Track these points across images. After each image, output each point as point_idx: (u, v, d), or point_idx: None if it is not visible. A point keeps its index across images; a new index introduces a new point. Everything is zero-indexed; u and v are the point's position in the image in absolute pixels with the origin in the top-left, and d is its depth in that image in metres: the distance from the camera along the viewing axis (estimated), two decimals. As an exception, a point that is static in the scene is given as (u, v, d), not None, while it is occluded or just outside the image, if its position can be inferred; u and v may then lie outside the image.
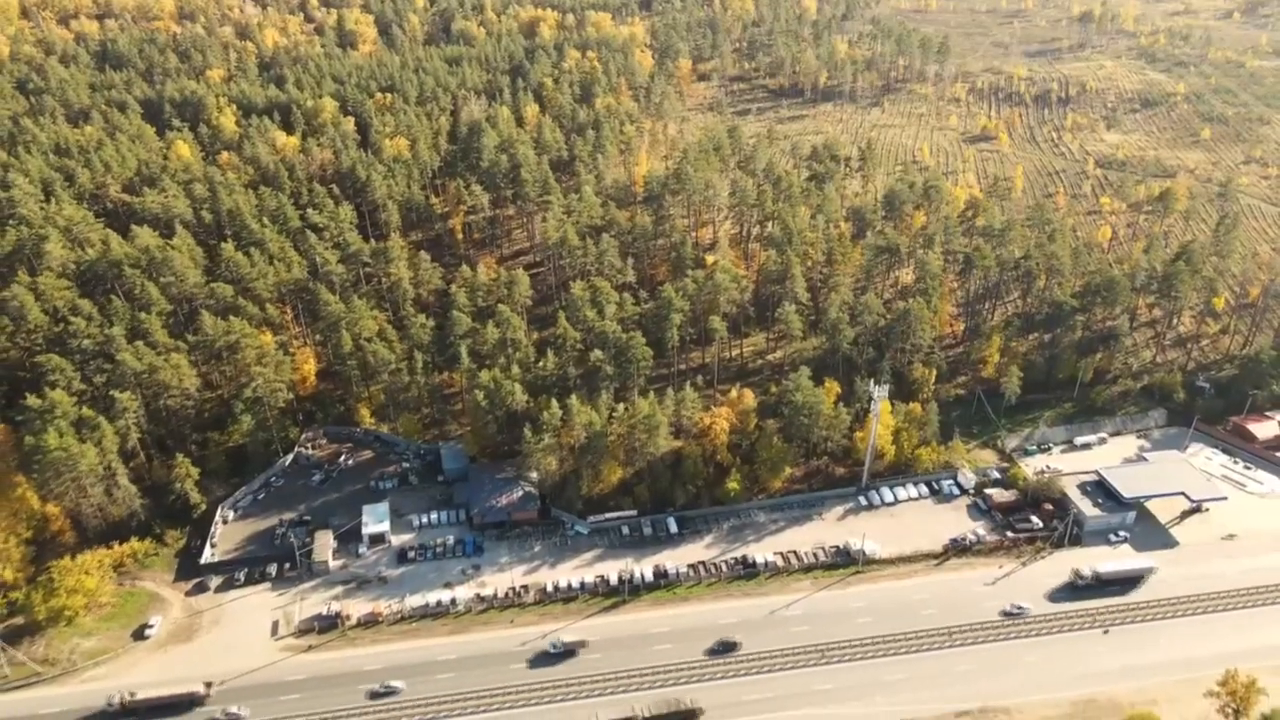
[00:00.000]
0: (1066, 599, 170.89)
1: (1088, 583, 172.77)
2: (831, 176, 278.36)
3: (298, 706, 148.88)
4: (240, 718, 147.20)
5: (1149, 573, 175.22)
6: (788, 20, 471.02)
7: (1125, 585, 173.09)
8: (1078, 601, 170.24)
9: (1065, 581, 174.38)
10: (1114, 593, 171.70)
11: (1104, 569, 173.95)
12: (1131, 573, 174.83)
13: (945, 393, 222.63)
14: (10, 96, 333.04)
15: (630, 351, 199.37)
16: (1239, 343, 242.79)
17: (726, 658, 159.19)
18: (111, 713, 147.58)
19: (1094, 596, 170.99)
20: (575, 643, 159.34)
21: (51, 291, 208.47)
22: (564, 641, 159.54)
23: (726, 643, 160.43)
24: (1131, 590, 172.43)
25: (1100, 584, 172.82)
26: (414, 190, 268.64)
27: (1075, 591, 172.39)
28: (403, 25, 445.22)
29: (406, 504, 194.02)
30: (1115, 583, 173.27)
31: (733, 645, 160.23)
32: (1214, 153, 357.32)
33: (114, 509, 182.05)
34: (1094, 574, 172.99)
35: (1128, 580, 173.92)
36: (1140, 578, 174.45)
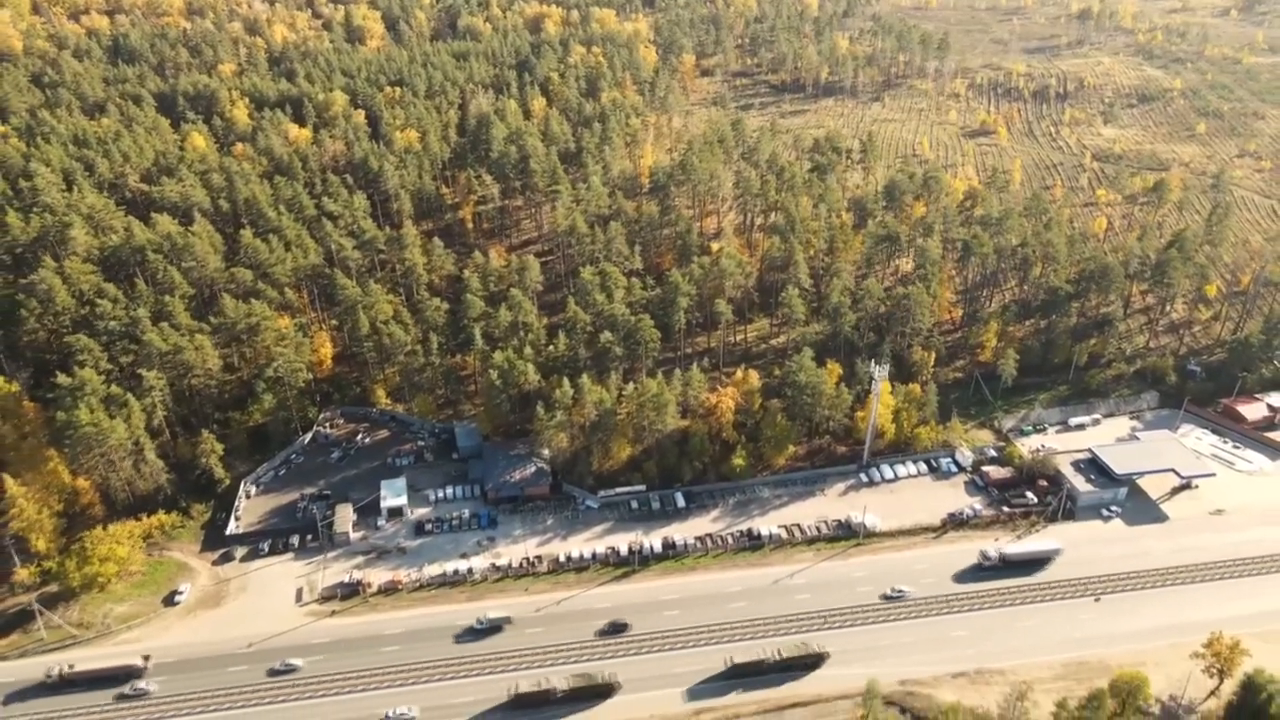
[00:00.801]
0: (971, 580, 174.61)
1: (994, 564, 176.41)
2: (833, 168, 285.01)
3: (325, 666, 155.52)
4: (296, 667, 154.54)
5: (1055, 554, 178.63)
6: (789, 17, 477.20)
7: (1031, 567, 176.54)
8: (981, 583, 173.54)
9: (973, 563, 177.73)
10: (1020, 574, 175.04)
11: (1010, 551, 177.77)
12: (1038, 554, 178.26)
13: (944, 376, 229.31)
14: (26, 89, 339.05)
15: (639, 333, 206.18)
16: (1230, 329, 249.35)
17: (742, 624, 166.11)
18: (51, 684, 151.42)
19: (999, 578, 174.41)
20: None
21: (78, 275, 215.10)
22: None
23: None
24: (1037, 571, 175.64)
25: (1006, 565, 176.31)
26: (425, 180, 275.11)
27: (981, 573, 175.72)
28: (409, 21, 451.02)
29: (422, 480, 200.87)
30: (1022, 565, 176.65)
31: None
32: (1209, 147, 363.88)
33: (141, 483, 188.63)
34: (1000, 555, 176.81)
35: (1034, 562, 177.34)
36: (1047, 559, 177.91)
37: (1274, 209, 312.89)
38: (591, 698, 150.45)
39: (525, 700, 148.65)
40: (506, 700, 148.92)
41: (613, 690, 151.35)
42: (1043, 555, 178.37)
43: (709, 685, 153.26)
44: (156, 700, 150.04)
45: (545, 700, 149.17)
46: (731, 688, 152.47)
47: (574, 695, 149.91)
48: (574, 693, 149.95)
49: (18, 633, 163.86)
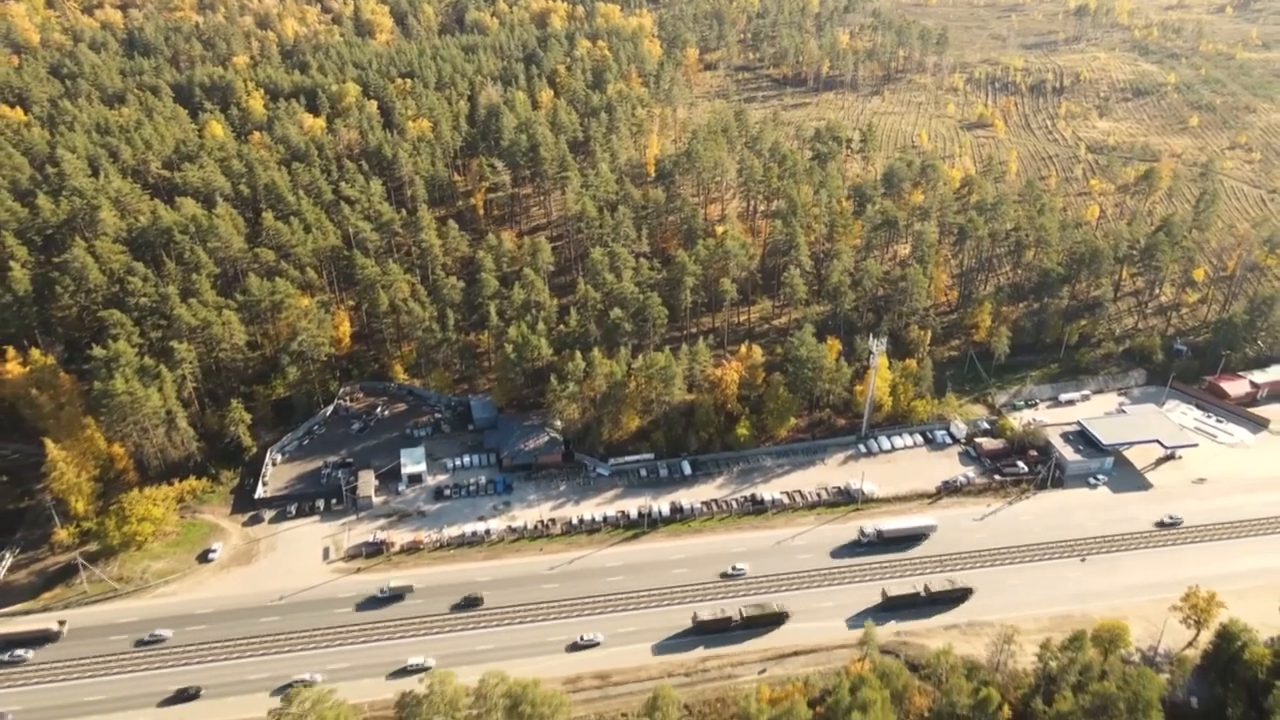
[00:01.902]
0: (848, 555, 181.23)
1: (870, 540, 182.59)
2: (834, 156, 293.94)
3: (352, 618, 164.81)
4: None
5: (930, 530, 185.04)
6: (791, 12, 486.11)
7: (906, 543, 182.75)
8: (858, 557, 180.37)
9: (852, 539, 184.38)
10: (895, 550, 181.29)
11: (885, 527, 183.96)
12: (912, 530, 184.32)
13: (939, 354, 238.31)
14: (45, 80, 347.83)
15: (647, 310, 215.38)
16: (1216, 311, 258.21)
17: (735, 580, 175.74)
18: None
19: (875, 552, 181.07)
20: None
21: (108, 255, 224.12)
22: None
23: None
24: (912, 547, 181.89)
25: (883, 541, 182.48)
26: (439, 167, 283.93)
27: (859, 548, 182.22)
28: (417, 16, 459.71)
29: (440, 449, 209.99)
30: (897, 541, 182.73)
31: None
32: (1201, 139, 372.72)
33: (173, 451, 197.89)
34: (876, 532, 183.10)
35: (909, 538, 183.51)
36: (923, 536, 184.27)
37: (1263, 198, 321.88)
38: (765, 625, 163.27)
39: (706, 626, 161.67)
40: (690, 626, 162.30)
41: (784, 619, 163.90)
42: (918, 532, 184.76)
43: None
44: (186, 646, 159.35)
45: (724, 627, 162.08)
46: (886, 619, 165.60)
47: (749, 622, 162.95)
48: (749, 620, 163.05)
49: (60, 586, 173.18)
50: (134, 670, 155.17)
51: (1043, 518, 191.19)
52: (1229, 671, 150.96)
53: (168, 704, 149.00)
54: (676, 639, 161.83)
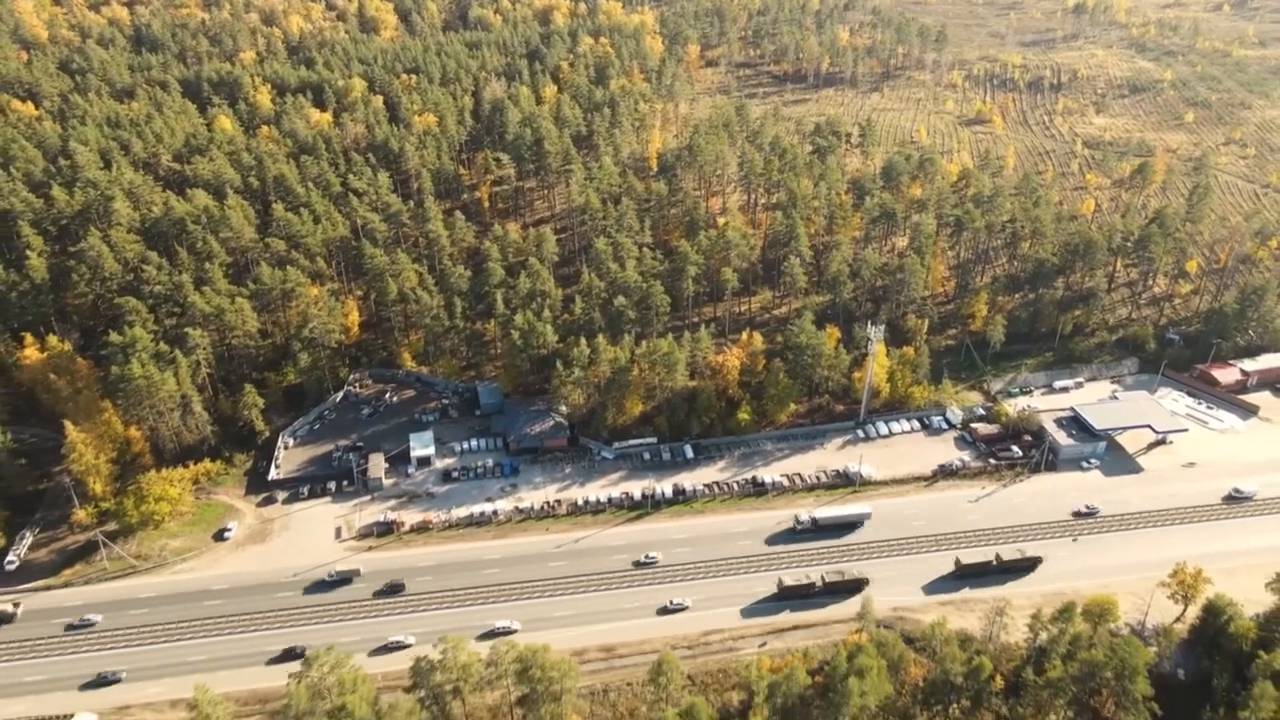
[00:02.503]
0: (785, 541, 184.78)
1: (806, 527, 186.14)
2: (833, 150, 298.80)
3: (365, 592, 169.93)
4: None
5: (865, 518, 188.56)
6: (791, 9, 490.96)
7: (842, 530, 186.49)
8: (795, 544, 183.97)
9: (788, 527, 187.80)
10: (832, 536, 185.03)
11: (821, 515, 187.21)
12: (847, 518, 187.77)
13: (936, 343, 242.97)
14: (55, 75, 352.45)
15: (650, 298, 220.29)
16: (1208, 302, 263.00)
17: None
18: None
19: (816, 539, 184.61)
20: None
21: (122, 244, 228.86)
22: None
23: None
24: (848, 534, 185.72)
25: (818, 528, 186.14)
26: (444, 160, 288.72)
27: (795, 535, 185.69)
28: (421, 13, 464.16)
29: (448, 434, 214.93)
30: (833, 528, 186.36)
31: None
32: (1196, 135, 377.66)
33: (188, 434, 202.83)
34: (812, 519, 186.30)
35: (845, 525, 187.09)
36: (858, 523, 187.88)
37: (1256, 193, 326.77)
38: (845, 592, 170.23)
39: (789, 592, 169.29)
40: (775, 591, 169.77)
41: (862, 585, 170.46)
42: (854, 518, 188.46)
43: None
44: (205, 620, 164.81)
45: (806, 592, 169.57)
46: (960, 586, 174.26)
47: (830, 589, 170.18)
48: (830, 586, 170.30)
49: (81, 564, 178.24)
50: (166, 641, 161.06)
51: (1036, 499, 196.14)
52: (1215, 645, 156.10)
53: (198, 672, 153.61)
54: (763, 603, 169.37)
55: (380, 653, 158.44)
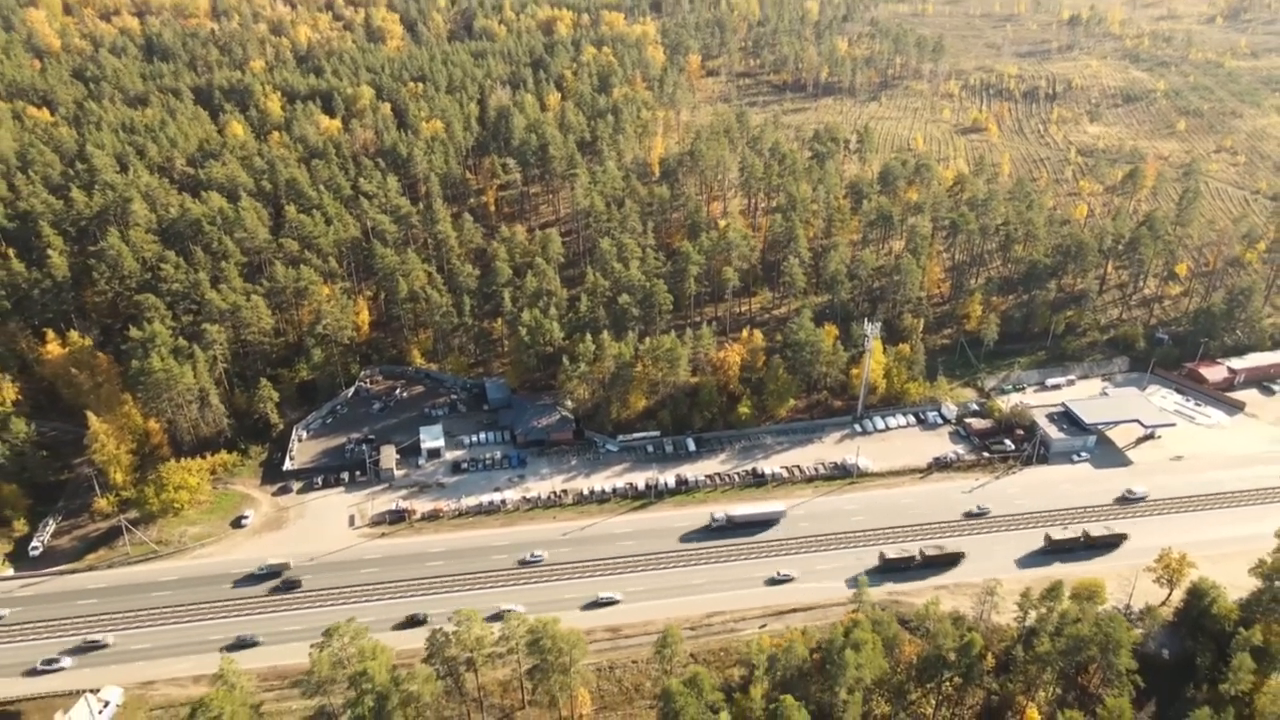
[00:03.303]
0: (699, 539, 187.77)
1: (721, 524, 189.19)
2: (832, 156, 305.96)
3: (379, 576, 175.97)
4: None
5: (779, 515, 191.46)
6: (791, 21, 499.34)
7: (757, 527, 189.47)
8: (709, 541, 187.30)
9: (703, 525, 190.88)
10: (746, 534, 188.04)
11: (735, 513, 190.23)
12: (762, 516, 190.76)
13: (932, 342, 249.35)
14: (69, 83, 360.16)
15: (654, 296, 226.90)
16: (1197, 303, 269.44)
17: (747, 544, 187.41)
18: None
19: (731, 536, 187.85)
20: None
21: (141, 244, 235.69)
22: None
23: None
24: (763, 531, 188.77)
25: (733, 526, 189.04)
26: (452, 165, 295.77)
27: (710, 533, 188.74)
28: (427, 23, 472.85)
29: (456, 427, 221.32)
30: (747, 525, 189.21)
31: None
32: (1188, 142, 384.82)
33: (205, 427, 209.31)
34: (726, 517, 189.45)
35: (760, 523, 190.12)
36: (773, 520, 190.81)
37: (1246, 199, 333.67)
38: (943, 565, 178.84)
39: (890, 564, 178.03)
40: (877, 565, 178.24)
41: (958, 559, 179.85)
42: (768, 517, 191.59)
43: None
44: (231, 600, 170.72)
45: (907, 565, 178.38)
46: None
47: (929, 562, 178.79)
48: (928, 560, 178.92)
49: (104, 549, 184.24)
50: (189, 621, 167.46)
51: (1028, 490, 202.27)
52: (1199, 626, 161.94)
53: (230, 649, 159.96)
54: (869, 574, 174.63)
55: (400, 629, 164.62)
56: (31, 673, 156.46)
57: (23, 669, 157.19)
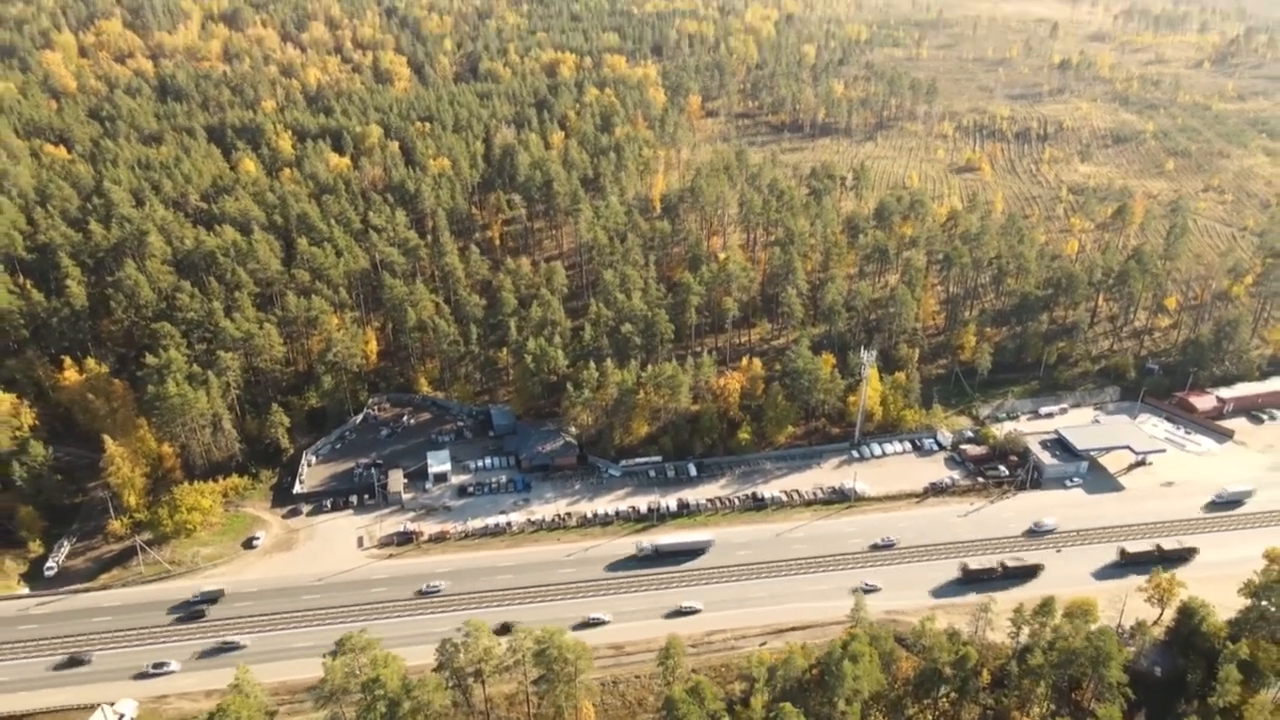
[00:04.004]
0: (627, 568, 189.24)
1: (647, 553, 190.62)
2: (829, 192, 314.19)
3: (386, 595, 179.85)
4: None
5: (707, 545, 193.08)
6: (788, 64, 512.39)
7: (685, 556, 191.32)
8: (640, 570, 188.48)
9: (630, 554, 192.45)
10: (674, 563, 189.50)
11: (662, 542, 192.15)
12: (690, 545, 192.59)
13: (927, 372, 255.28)
14: (86, 122, 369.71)
15: (655, 325, 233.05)
16: (1186, 335, 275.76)
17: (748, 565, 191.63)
18: None
19: (658, 565, 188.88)
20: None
21: (157, 275, 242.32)
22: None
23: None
24: (691, 560, 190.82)
25: (659, 555, 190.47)
26: (459, 200, 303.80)
27: (638, 562, 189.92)
28: (433, 65, 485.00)
29: (463, 453, 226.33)
30: (675, 554, 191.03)
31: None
32: (1176, 182, 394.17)
33: (217, 451, 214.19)
34: (653, 546, 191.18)
35: (688, 552, 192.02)
36: (701, 550, 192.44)
37: (1234, 236, 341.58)
38: (1022, 576, 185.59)
39: (973, 575, 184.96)
40: (959, 576, 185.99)
41: (1037, 571, 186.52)
42: (696, 546, 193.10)
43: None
44: (237, 618, 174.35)
45: (989, 576, 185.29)
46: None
47: (1009, 573, 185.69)
48: (1009, 571, 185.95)
49: (118, 569, 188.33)
50: (201, 637, 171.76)
51: (1022, 515, 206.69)
52: (1189, 644, 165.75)
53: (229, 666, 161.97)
54: (950, 585, 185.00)
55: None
56: (141, 676, 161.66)
57: (47, 680, 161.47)
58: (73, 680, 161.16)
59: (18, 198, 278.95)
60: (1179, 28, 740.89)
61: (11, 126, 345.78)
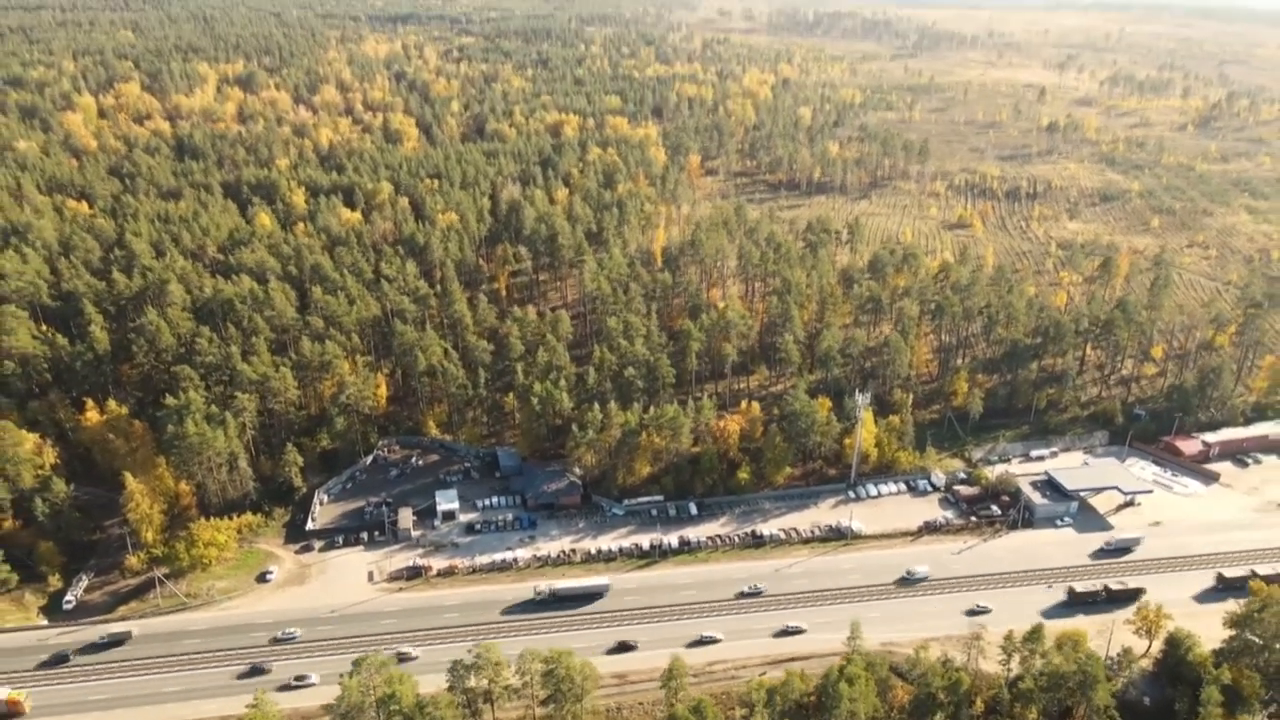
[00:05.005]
0: (523, 612, 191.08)
1: (544, 598, 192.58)
2: (824, 245, 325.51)
3: (396, 626, 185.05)
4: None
5: (604, 589, 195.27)
6: (785, 125, 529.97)
7: (581, 600, 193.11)
8: (535, 613, 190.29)
9: (528, 598, 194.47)
10: (570, 607, 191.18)
11: (559, 586, 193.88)
12: (587, 589, 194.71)
13: (921, 416, 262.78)
14: (106, 178, 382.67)
15: (658, 370, 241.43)
16: (1172, 383, 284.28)
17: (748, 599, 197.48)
18: None
19: (555, 609, 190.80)
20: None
21: (177, 321, 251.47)
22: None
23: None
24: (587, 604, 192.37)
25: (556, 600, 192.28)
26: (467, 252, 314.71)
27: (535, 606, 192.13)
28: (441, 126, 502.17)
29: (470, 492, 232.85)
30: (571, 599, 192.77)
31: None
32: (1161, 238, 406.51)
33: (232, 490, 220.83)
34: (550, 590, 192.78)
35: (584, 596, 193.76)
36: (598, 594, 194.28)
37: (1218, 289, 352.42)
38: (1125, 600, 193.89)
39: (1079, 598, 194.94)
40: (1065, 598, 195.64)
41: (1139, 594, 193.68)
42: (593, 591, 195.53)
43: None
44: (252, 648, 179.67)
45: (1094, 599, 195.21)
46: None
47: (1113, 596, 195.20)
48: (1112, 594, 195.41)
49: (135, 602, 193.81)
50: (216, 666, 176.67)
51: (1013, 552, 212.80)
52: (1176, 673, 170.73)
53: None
54: (1058, 608, 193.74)
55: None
56: (285, 688, 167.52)
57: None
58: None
59: (42, 249, 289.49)
60: (1163, 93, 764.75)
61: (34, 182, 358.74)
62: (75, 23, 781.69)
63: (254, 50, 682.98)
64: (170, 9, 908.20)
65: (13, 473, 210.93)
